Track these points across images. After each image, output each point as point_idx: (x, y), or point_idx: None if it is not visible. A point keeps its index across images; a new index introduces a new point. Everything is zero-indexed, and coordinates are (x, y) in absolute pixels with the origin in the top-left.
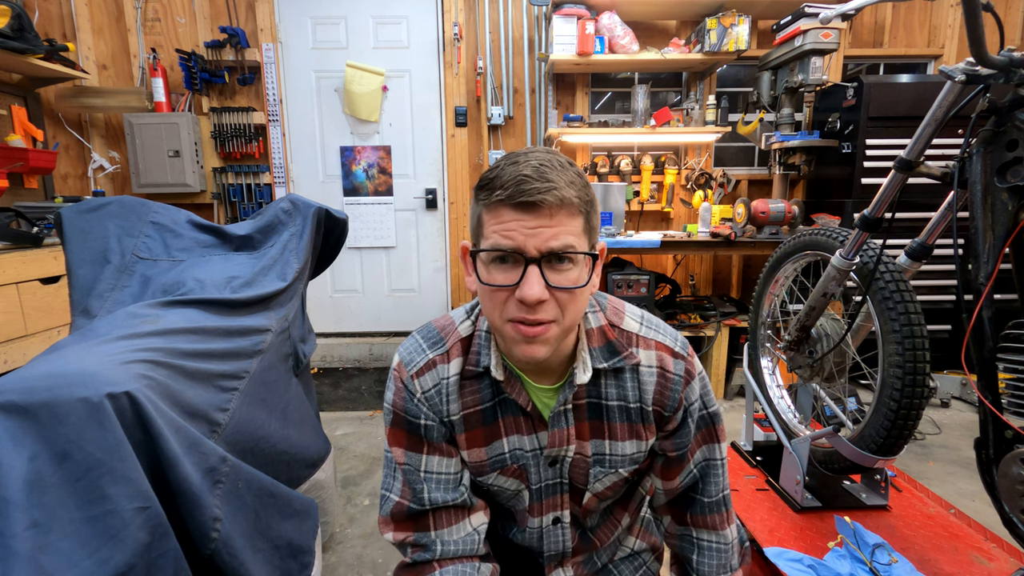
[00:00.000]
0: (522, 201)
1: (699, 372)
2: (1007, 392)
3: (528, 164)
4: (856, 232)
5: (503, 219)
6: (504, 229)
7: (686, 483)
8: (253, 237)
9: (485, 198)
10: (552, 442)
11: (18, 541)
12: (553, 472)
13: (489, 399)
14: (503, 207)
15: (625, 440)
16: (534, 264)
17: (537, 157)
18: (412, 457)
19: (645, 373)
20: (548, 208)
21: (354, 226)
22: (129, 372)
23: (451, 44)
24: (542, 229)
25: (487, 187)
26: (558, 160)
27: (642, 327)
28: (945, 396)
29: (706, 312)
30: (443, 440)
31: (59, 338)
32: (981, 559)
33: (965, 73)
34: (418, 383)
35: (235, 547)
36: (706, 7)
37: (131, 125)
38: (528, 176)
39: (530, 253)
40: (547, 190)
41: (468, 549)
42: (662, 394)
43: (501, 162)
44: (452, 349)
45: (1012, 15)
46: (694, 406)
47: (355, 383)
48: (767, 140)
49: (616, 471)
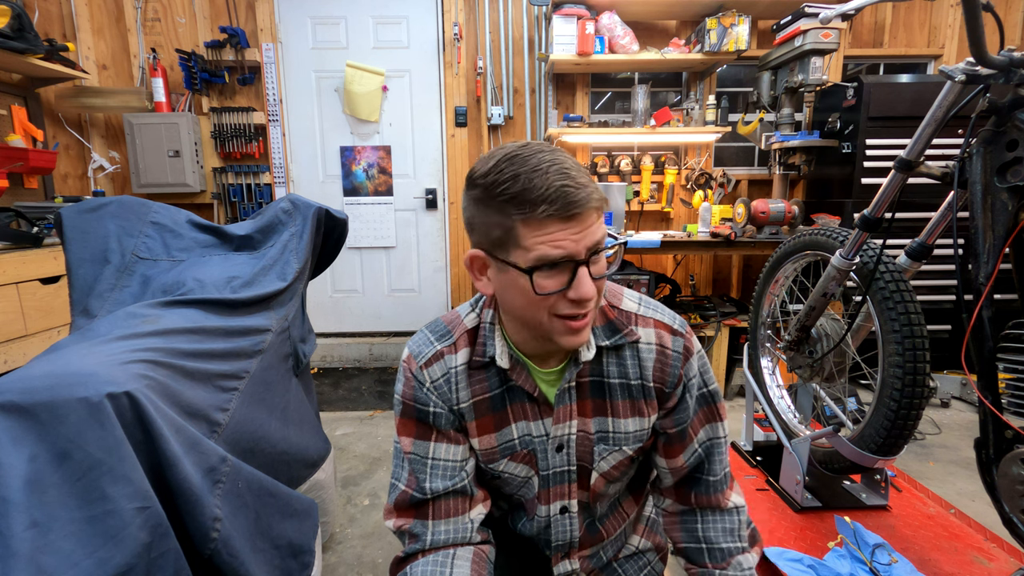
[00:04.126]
0: (572, 213)
1: (698, 350)
2: (1007, 392)
3: (556, 172)
4: (856, 232)
5: (550, 231)
6: (553, 240)
7: (691, 463)
8: (253, 237)
9: (523, 212)
10: (557, 419)
11: (18, 541)
12: (560, 459)
13: (497, 387)
14: (551, 220)
15: (628, 417)
16: (583, 266)
17: (556, 160)
18: (419, 446)
19: (644, 350)
20: (588, 214)
21: (354, 226)
22: (129, 372)
23: (451, 44)
24: (585, 232)
25: (522, 200)
26: (570, 158)
27: (640, 307)
28: (945, 396)
29: (706, 312)
30: (451, 427)
31: (59, 338)
32: (981, 559)
33: (965, 73)
34: (427, 373)
35: (235, 547)
36: (706, 7)
37: (131, 125)
38: (568, 187)
39: (578, 256)
40: (587, 199)
41: (459, 537)
42: (662, 370)
43: (518, 167)
44: (459, 340)
45: (1012, 15)
46: (693, 382)
47: (355, 383)
48: (767, 140)
49: (620, 449)
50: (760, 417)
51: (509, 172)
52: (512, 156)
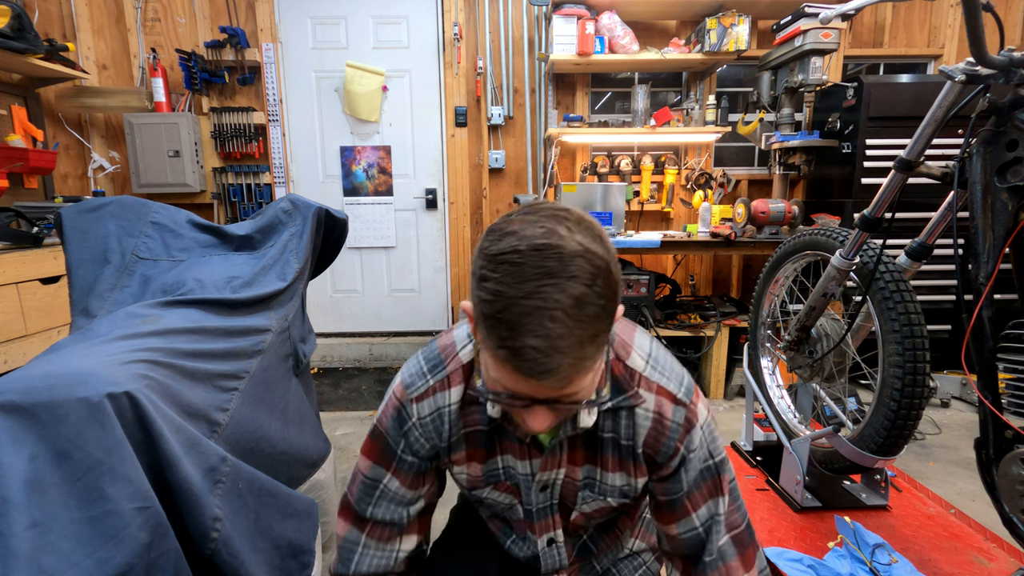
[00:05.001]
0: (527, 375)
1: (702, 420)
2: (1007, 392)
3: (538, 320)
4: (856, 232)
5: (506, 371)
6: (510, 381)
7: (688, 539)
8: (253, 237)
9: (486, 340)
10: (544, 466)
11: (18, 541)
12: (544, 497)
13: (487, 423)
14: (507, 365)
15: (615, 472)
16: (542, 404)
17: (551, 300)
18: (376, 471)
19: (641, 416)
20: (558, 380)
21: (354, 226)
22: (129, 372)
23: (451, 44)
24: (552, 392)
25: (491, 332)
26: (575, 297)
27: (647, 366)
28: (945, 396)
29: (706, 312)
30: (411, 473)
31: (59, 338)
32: (981, 559)
33: (965, 73)
34: (416, 408)
35: (235, 547)
36: (706, 7)
37: (131, 125)
38: (536, 349)
39: (540, 398)
40: (556, 368)
41: (384, 565)
42: (656, 439)
43: (509, 287)
44: (453, 375)
45: (1012, 15)
46: (694, 455)
47: (355, 383)
48: (767, 140)
49: (604, 499)
50: (760, 417)
51: (501, 286)
52: (516, 266)
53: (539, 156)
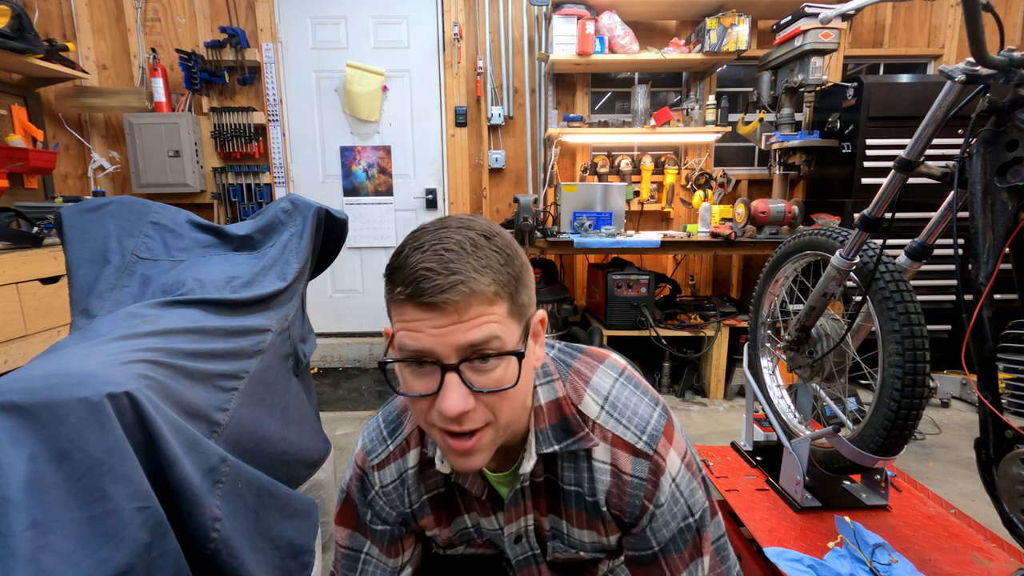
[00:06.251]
0: (424, 301)
1: (674, 470)
2: (1007, 392)
3: (432, 251)
4: (856, 232)
5: (408, 317)
6: (410, 328)
7: None
8: (253, 237)
9: (389, 292)
10: (509, 518)
11: (18, 541)
12: (522, 547)
13: (443, 484)
14: (406, 305)
15: (583, 529)
16: (452, 371)
17: (446, 238)
18: (355, 540)
19: (599, 469)
20: (455, 305)
21: (354, 226)
22: (129, 372)
23: (451, 44)
24: (453, 327)
25: (390, 278)
26: (471, 238)
27: (602, 413)
28: (945, 396)
29: (706, 312)
30: (386, 541)
31: (59, 338)
32: (981, 559)
33: (965, 73)
34: (378, 476)
35: (235, 547)
36: (706, 7)
37: (131, 125)
38: (429, 270)
39: (446, 358)
40: (451, 286)
41: None
42: (620, 497)
43: (408, 244)
44: (410, 437)
45: (1012, 15)
46: (664, 511)
47: (355, 383)
48: (767, 140)
49: (576, 552)
50: (760, 417)
51: (403, 250)
52: (419, 232)
53: (539, 156)
